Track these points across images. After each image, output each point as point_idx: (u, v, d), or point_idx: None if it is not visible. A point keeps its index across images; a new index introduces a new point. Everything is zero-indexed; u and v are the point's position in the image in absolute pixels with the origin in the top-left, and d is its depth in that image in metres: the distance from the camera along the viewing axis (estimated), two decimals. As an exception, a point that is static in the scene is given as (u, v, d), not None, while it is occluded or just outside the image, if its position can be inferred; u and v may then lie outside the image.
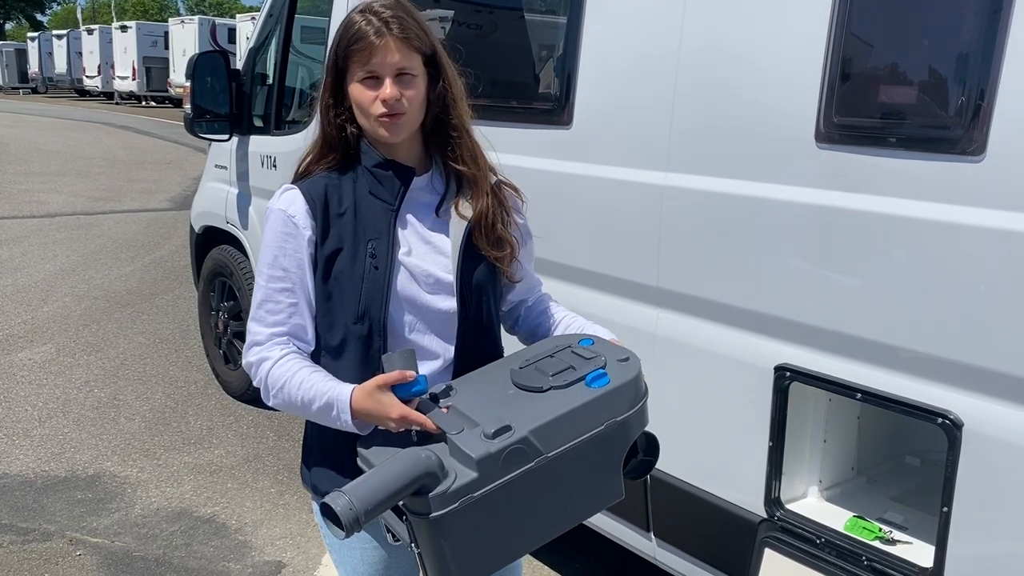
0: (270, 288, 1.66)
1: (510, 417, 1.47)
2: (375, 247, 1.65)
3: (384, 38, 1.58)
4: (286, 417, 4.75)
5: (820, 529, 2.17)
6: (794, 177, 2.13)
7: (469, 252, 1.70)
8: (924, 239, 1.90)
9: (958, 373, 1.88)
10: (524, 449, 1.45)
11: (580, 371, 1.56)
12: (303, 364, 1.63)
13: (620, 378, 1.56)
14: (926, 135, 1.90)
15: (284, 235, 1.66)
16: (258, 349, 1.66)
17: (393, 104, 1.59)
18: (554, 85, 2.79)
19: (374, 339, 1.65)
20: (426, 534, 1.44)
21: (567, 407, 1.51)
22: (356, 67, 1.60)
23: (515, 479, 1.45)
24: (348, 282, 1.64)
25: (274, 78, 4.45)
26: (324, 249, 1.65)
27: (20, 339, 5.93)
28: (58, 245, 8.85)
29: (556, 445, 1.48)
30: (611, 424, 1.54)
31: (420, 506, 1.42)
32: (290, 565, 3.34)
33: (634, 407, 1.58)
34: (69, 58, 39.14)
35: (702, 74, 2.33)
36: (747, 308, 2.28)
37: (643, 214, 2.50)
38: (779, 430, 2.24)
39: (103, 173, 14.44)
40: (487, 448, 1.43)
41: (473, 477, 1.42)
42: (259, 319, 1.67)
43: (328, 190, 1.68)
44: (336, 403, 1.56)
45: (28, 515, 3.64)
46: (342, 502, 1.37)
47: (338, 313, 1.66)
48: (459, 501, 1.41)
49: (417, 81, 1.63)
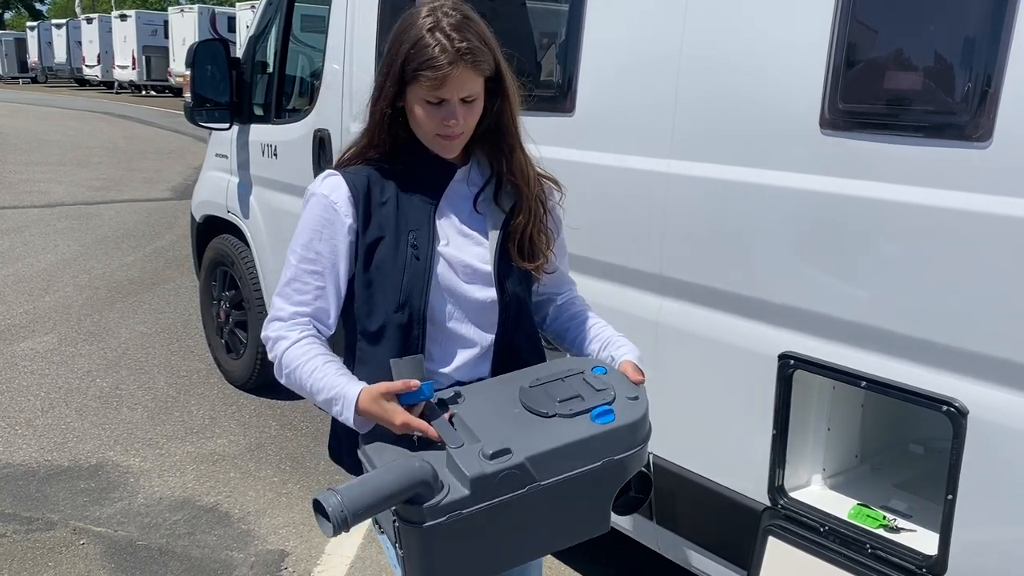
0: (300, 268, 1.69)
1: (511, 440, 1.49)
2: (416, 238, 1.68)
3: (458, 68, 1.58)
4: (288, 406, 4.75)
5: (824, 517, 2.17)
6: (798, 164, 2.11)
7: (507, 247, 1.74)
8: (930, 226, 1.89)
9: (963, 360, 1.87)
10: (519, 475, 1.47)
11: (587, 403, 1.58)
12: (318, 352, 1.66)
13: (625, 418, 1.57)
14: (932, 121, 1.88)
15: (324, 220, 1.69)
16: (279, 325, 1.69)
17: (455, 129, 1.64)
18: (556, 72, 2.77)
19: (413, 327, 1.69)
20: (411, 541, 1.47)
21: (568, 439, 1.52)
22: (423, 89, 1.61)
23: (505, 501, 1.47)
24: (389, 272, 1.68)
25: (274, 66, 4.43)
26: (366, 238, 1.69)
27: (22, 329, 5.93)
28: (59, 235, 8.85)
29: (551, 475, 1.50)
30: (608, 462, 1.55)
31: (410, 514, 1.44)
32: (293, 554, 3.35)
33: (633, 448, 1.59)
34: (69, 47, 39.05)
35: (706, 61, 2.31)
36: (751, 296, 2.27)
37: (646, 202, 2.48)
38: (783, 418, 2.23)
39: (103, 163, 14.42)
40: (483, 468, 1.45)
41: (465, 495, 1.44)
42: (285, 296, 1.70)
43: (371, 179, 1.71)
44: (342, 400, 1.59)
45: (31, 505, 3.64)
46: (333, 502, 1.39)
47: (378, 301, 1.69)
48: (447, 516, 1.43)
49: (477, 103, 1.66)
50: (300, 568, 3.25)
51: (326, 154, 3.86)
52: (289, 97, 4.44)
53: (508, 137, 1.73)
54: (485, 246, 1.74)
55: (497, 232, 1.74)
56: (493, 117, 1.70)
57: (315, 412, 4.70)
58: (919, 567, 1.97)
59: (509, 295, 1.74)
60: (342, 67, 3.78)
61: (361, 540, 3.46)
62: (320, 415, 4.66)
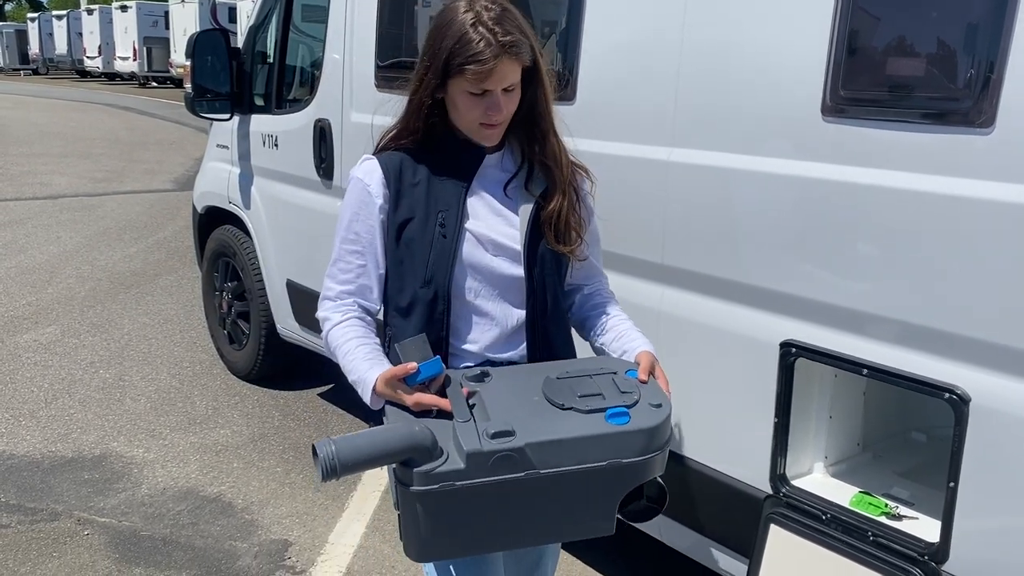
0: (343, 249, 1.80)
1: (519, 424, 1.52)
2: (444, 217, 1.75)
3: (502, 61, 1.63)
4: (291, 397, 4.76)
5: (826, 505, 2.17)
6: (800, 151, 2.11)
7: (536, 233, 1.79)
8: (932, 213, 1.88)
9: (965, 348, 1.87)
10: (516, 458, 1.50)
11: (606, 402, 1.59)
12: (355, 334, 1.76)
13: (640, 423, 1.57)
14: (934, 108, 1.87)
15: (360, 202, 1.78)
16: (328, 305, 1.81)
17: (498, 118, 1.70)
18: (557, 59, 2.76)
19: (438, 303, 1.76)
20: (406, 502, 1.53)
21: (574, 433, 1.54)
22: (467, 82, 1.66)
23: (501, 483, 1.50)
24: (417, 248, 1.75)
25: (275, 56, 4.42)
26: (396, 217, 1.77)
27: (25, 320, 5.94)
28: (61, 226, 8.85)
29: (551, 465, 1.52)
30: (613, 464, 1.56)
31: (405, 476, 1.50)
32: (296, 543, 3.36)
33: (644, 455, 1.58)
34: (69, 39, 38.99)
35: (707, 47, 2.30)
36: (752, 284, 2.26)
37: (648, 190, 2.48)
38: (784, 406, 2.23)
39: (105, 154, 14.41)
40: (480, 445, 1.48)
41: (459, 467, 1.48)
42: (332, 276, 1.82)
43: (403, 163, 1.79)
44: (362, 384, 1.70)
45: (35, 495, 3.65)
46: (326, 451, 1.46)
47: (408, 277, 1.78)
48: (439, 484, 1.48)
49: (516, 91, 1.71)
50: (303, 558, 3.27)
51: (327, 144, 3.86)
52: (290, 87, 4.43)
53: (542, 123, 1.78)
54: (515, 227, 1.79)
55: (528, 214, 1.78)
56: (528, 103, 1.75)
57: (318, 403, 4.71)
58: (921, 554, 1.97)
59: (537, 277, 1.79)
60: (342, 57, 3.76)
61: (364, 529, 3.47)
62: (322, 405, 4.67)
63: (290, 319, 4.38)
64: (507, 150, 1.83)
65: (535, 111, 1.77)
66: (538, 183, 1.81)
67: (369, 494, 3.76)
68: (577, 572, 3.21)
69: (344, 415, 4.53)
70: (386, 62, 3.47)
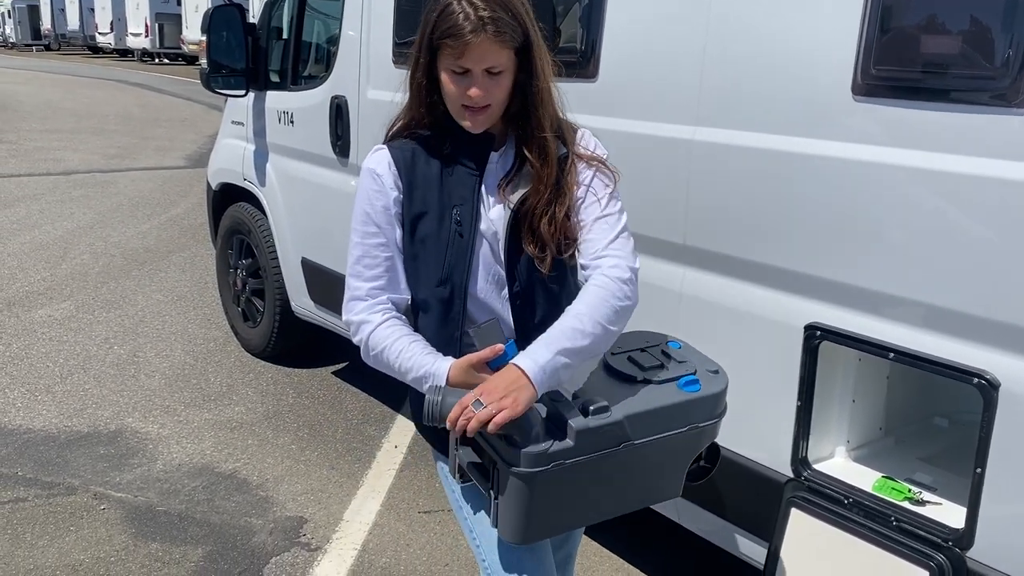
0: (366, 244, 1.73)
1: (609, 398, 1.57)
2: (460, 214, 1.70)
3: (479, 36, 1.57)
4: (306, 375, 4.76)
5: (848, 489, 2.15)
6: (829, 131, 2.07)
7: (516, 232, 1.72)
8: (964, 195, 1.84)
9: (995, 332, 1.84)
10: (616, 432, 1.55)
11: (673, 372, 1.67)
12: (403, 332, 1.70)
13: (710, 388, 1.67)
14: (969, 87, 1.83)
15: (374, 192, 1.73)
16: (360, 307, 1.73)
17: (477, 100, 1.62)
18: (579, 36, 2.72)
19: (455, 302, 1.72)
20: (513, 487, 1.52)
21: (661, 403, 1.60)
22: (447, 58, 1.61)
23: (599, 457, 1.54)
24: (433, 246, 1.71)
25: (290, 32, 4.38)
26: (410, 209, 1.72)
27: (40, 296, 5.95)
28: (75, 203, 8.86)
29: (642, 435, 1.58)
30: (692, 428, 1.65)
31: (515, 459, 1.50)
32: (312, 520, 3.36)
33: (713, 418, 1.69)
34: (82, 14, 38.94)
35: (734, 24, 2.26)
36: (777, 266, 2.24)
37: (670, 170, 2.44)
38: (808, 390, 2.21)
39: (118, 131, 14.41)
40: (587, 422, 1.52)
41: (569, 445, 1.51)
42: (357, 274, 1.74)
43: (415, 153, 1.74)
44: (432, 377, 1.63)
45: (52, 470, 3.67)
46: (433, 397, 1.51)
47: (422, 274, 1.74)
48: (552, 463, 1.50)
49: (504, 76, 1.64)
50: (318, 535, 3.27)
51: (343, 121, 3.83)
52: (305, 63, 4.39)
53: (533, 118, 1.69)
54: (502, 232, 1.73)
55: (506, 222, 1.72)
56: (520, 95, 1.67)
57: (332, 380, 4.71)
58: (945, 540, 1.95)
59: (523, 282, 1.73)
60: (359, 33, 3.73)
61: (379, 507, 3.47)
62: (337, 383, 4.66)
63: (305, 297, 4.38)
64: (508, 146, 1.76)
65: (527, 104, 1.67)
66: (523, 183, 1.72)
67: (384, 471, 3.77)
68: (592, 551, 3.21)
69: (359, 393, 4.52)
70: (404, 39, 3.44)
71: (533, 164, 1.70)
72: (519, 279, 1.73)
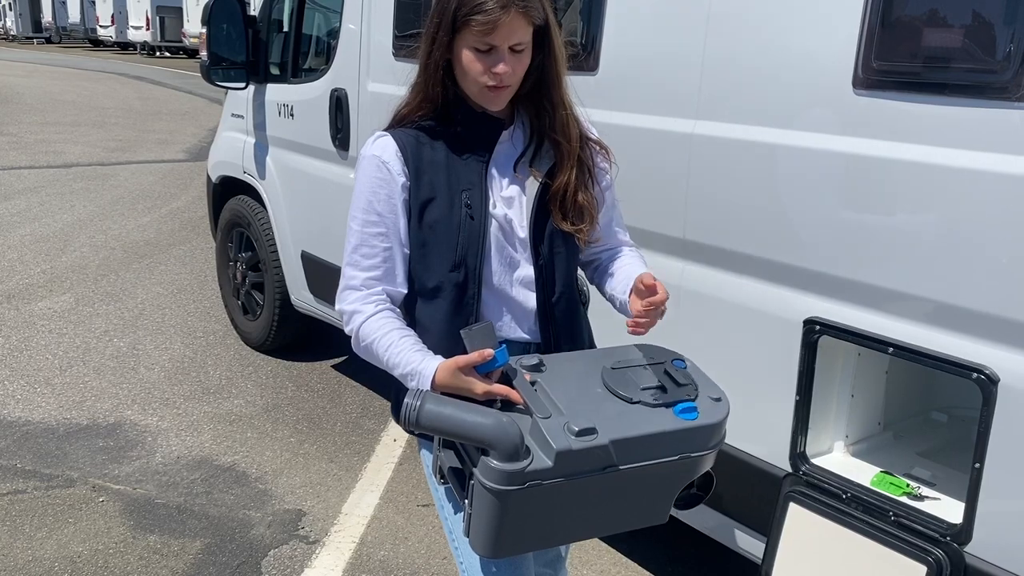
0: (365, 233, 1.69)
1: (596, 419, 1.48)
2: (469, 197, 1.68)
3: (509, 13, 1.56)
4: (305, 368, 4.76)
5: (846, 484, 2.15)
6: (830, 125, 2.06)
7: (543, 212, 1.72)
8: (966, 189, 1.84)
9: (995, 327, 1.83)
10: (600, 455, 1.47)
11: (671, 396, 1.57)
12: (394, 326, 1.67)
13: (708, 418, 1.57)
14: (971, 81, 1.83)
15: (378, 180, 1.69)
16: (354, 297, 1.69)
17: (505, 77, 1.61)
18: (579, 29, 2.71)
19: (469, 286, 1.69)
20: (484, 501, 1.47)
21: (652, 429, 1.51)
22: (472, 37, 1.59)
23: (580, 480, 1.47)
24: (444, 231, 1.68)
25: (291, 25, 4.37)
26: (418, 196, 1.69)
27: (40, 288, 5.95)
28: (75, 195, 8.85)
29: (629, 460, 1.50)
30: (685, 458, 1.55)
31: (489, 475, 1.44)
32: (310, 514, 3.36)
33: (709, 449, 1.58)
34: (83, 7, 38.85)
35: (735, 17, 2.25)
36: (777, 260, 2.23)
37: (670, 163, 2.44)
38: (806, 384, 2.20)
39: (118, 124, 14.40)
40: (569, 444, 1.44)
41: (548, 466, 1.44)
42: (354, 263, 1.70)
43: (420, 138, 1.71)
44: (418, 376, 1.59)
45: (51, 462, 3.67)
46: (412, 402, 1.44)
47: (434, 260, 1.70)
48: (528, 483, 1.43)
49: (525, 54, 1.64)
50: (317, 528, 3.27)
51: (343, 114, 3.82)
52: (306, 56, 4.38)
53: (552, 94, 1.70)
54: (523, 209, 1.73)
55: (535, 194, 1.72)
56: (537, 72, 1.68)
57: (331, 374, 4.70)
58: (943, 535, 1.95)
59: (545, 259, 1.73)
60: (359, 26, 3.72)
61: (377, 500, 3.47)
62: (336, 377, 4.67)
63: (304, 290, 4.37)
64: (519, 122, 1.75)
65: (545, 80, 1.68)
66: (546, 160, 1.73)
67: (382, 465, 3.77)
68: (591, 544, 3.21)
69: (358, 387, 4.52)
70: (404, 31, 3.43)
71: (559, 142, 1.71)
72: (543, 255, 1.73)
